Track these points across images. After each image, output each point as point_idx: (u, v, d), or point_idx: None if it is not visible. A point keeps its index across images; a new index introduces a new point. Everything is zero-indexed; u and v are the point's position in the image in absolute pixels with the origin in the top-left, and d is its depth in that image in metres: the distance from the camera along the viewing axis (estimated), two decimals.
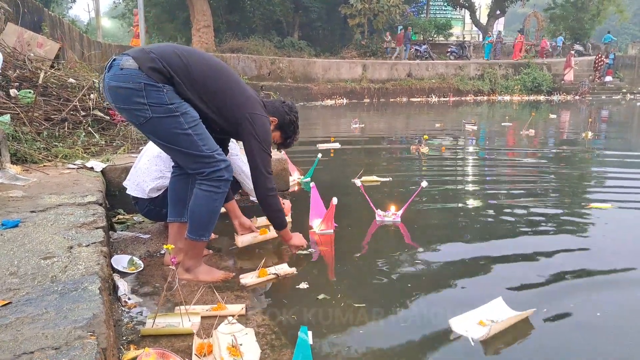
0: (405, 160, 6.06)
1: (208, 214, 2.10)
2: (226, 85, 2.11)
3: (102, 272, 1.70)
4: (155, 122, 1.95)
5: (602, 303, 2.11)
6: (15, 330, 1.26)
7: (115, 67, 1.93)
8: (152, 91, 1.91)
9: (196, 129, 2.00)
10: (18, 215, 2.24)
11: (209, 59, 2.12)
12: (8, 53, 4.92)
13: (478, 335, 1.81)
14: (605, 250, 2.77)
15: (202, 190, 2.07)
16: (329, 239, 2.92)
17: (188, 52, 2.05)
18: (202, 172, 2.05)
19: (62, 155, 3.56)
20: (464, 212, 3.60)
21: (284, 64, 20.02)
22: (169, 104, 1.94)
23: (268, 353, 1.66)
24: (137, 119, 1.97)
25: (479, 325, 1.87)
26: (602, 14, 28.58)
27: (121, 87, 1.91)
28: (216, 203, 2.09)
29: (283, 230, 2.42)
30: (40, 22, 7.22)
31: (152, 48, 2.00)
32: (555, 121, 11.65)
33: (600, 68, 22.90)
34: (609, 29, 28.36)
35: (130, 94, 1.91)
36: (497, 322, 1.86)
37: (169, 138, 2.00)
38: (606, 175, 5.05)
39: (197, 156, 2.02)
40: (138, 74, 1.89)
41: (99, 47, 13.12)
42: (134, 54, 1.94)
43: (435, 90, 21.65)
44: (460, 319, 1.91)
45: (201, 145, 2.01)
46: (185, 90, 1.99)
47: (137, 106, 1.92)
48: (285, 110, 2.38)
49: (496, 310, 1.98)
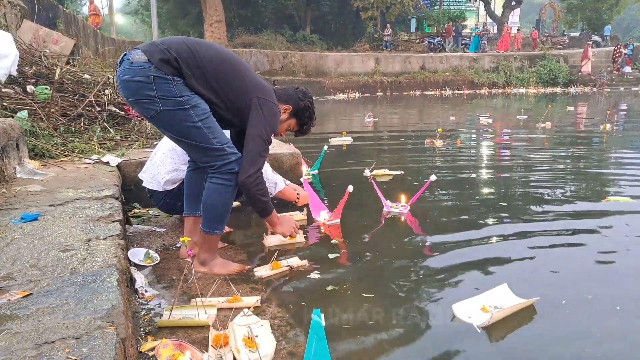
0: (419, 154, 6.02)
1: (220, 207, 2.11)
2: (235, 71, 2.07)
3: (119, 265, 1.73)
4: (166, 114, 1.95)
5: (614, 295, 2.09)
6: (37, 321, 1.29)
7: (125, 62, 1.94)
8: (161, 84, 1.91)
9: (206, 122, 2.00)
10: (37, 209, 2.27)
11: (218, 48, 2.11)
12: (24, 50, 4.99)
13: (480, 322, 1.80)
14: (619, 243, 2.74)
15: (213, 184, 2.08)
16: (337, 230, 2.94)
17: (197, 42, 2.06)
18: (213, 165, 2.06)
19: (78, 150, 3.61)
20: (476, 203, 3.61)
21: (296, 58, 20.00)
22: (179, 97, 1.94)
23: (283, 344, 1.67)
24: (147, 112, 1.98)
25: (482, 311, 1.87)
26: (622, 3, 28.04)
27: (132, 80, 1.92)
28: (228, 196, 2.09)
29: (267, 217, 2.30)
30: (55, 19, 7.31)
31: (162, 40, 2.01)
32: (573, 113, 11.48)
33: (618, 59, 22.49)
34: (629, 19, 27.81)
35: (140, 87, 1.92)
36: (500, 309, 1.85)
37: (179, 131, 2.00)
38: (624, 169, 4.97)
39: (207, 149, 2.02)
40: (148, 66, 1.90)
41: (113, 43, 13.24)
42: (143, 48, 1.95)
43: (449, 83, 21.46)
44: (463, 304, 1.91)
45: (211, 138, 2.01)
46: (194, 81, 1.98)
47: (148, 99, 1.93)
48: (299, 96, 2.33)
49: (500, 296, 1.98)
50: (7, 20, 5.50)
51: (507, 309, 1.86)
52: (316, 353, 1.41)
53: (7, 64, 3.82)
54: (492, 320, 1.81)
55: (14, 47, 3.92)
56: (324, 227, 2.99)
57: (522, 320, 1.85)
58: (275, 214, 2.32)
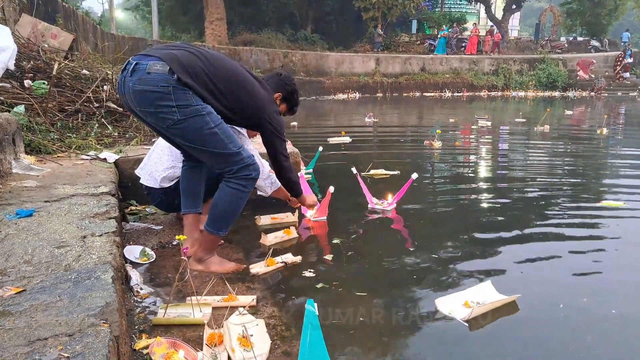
0: (417, 155, 6.04)
1: (230, 211, 2.13)
2: (244, 90, 2.13)
3: (114, 262, 1.72)
4: (183, 124, 1.95)
5: (599, 294, 2.17)
6: (29, 317, 1.27)
7: (140, 71, 1.91)
8: (180, 93, 1.92)
9: (221, 127, 2.03)
10: (32, 204, 2.26)
11: (228, 65, 2.12)
12: (22, 44, 4.96)
13: (461, 316, 1.89)
14: (608, 245, 2.81)
15: (229, 187, 2.09)
16: (323, 226, 3.06)
17: (208, 57, 2.05)
18: (230, 170, 2.07)
19: (75, 146, 3.59)
20: (468, 203, 3.71)
21: (297, 58, 19.98)
22: (196, 105, 1.95)
23: (278, 344, 1.66)
24: (164, 122, 1.96)
25: (464, 306, 1.95)
26: (620, 9, 28.09)
27: (150, 90, 1.90)
28: (241, 202, 2.12)
29: (300, 197, 2.69)
30: (54, 13, 7.27)
31: (175, 52, 1.98)
32: (570, 117, 11.50)
33: (618, 67, 22.58)
34: (627, 25, 27.88)
35: (158, 98, 1.91)
36: (481, 305, 1.93)
37: (196, 139, 2.00)
38: (619, 173, 4.99)
39: (225, 155, 2.04)
40: (168, 77, 1.90)
41: (113, 39, 13.19)
42: (162, 57, 1.93)
43: (448, 85, 21.45)
44: (446, 299, 2.00)
45: (228, 143, 2.03)
46: (206, 94, 2.01)
47: (165, 109, 1.92)
48: (286, 82, 2.48)
49: (483, 293, 2.06)
50: (6, 14, 5.47)
51: (488, 304, 1.94)
52: (311, 341, 1.42)
53: (4, 57, 3.79)
54: (473, 315, 1.88)
55: (12, 41, 3.89)
56: (309, 223, 3.11)
57: (503, 317, 1.93)
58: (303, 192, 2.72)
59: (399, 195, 3.38)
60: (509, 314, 1.96)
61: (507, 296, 2.01)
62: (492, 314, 1.93)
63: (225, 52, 16.76)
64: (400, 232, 3.02)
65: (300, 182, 3.22)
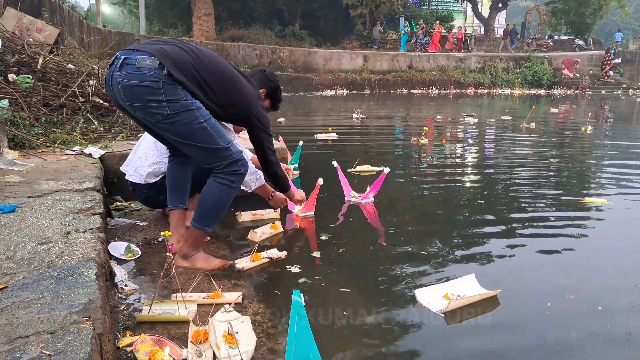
0: (405, 151, 6.07)
1: (218, 206, 2.12)
2: (232, 86, 2.14)
3: (98, 258, 1.70)
4: (173, 118, 1.94)
5: (577, 288, 2.20)
6: (11, 315, 1.26)
7: (129, 66, 1.90)
8: (169, 88, 1.91)
9: (210, 122, 2.02)
10: (15, 200, 2.23)
11: (216, 61, 2.12)
12: (7, 38, 4.88)
13: (438, 308, 1.90)
14: (590, 242, 2.87)
15: (217, 183, 2.08)
16: (311, 222, 3.07)
17: (197, 53, 2.05)
18: (219, 165, 2.06)
19: (60, 141, 3.54)
20: (455, 197, 3.78)
21: (285, 54, 19.93)
22: (185, 100, 1.95)
23: (264, 341, 1.66)
24: (153, 117, 1.95)
25: (444, 298, 1.97)
26: (604, 9, 28.46)
27: (139, 85, 1.89)
28: (228, 197, 2.11)
29: (288, 192, 2.70)
30: (40, 7, 7.17)
31: (164, 47, 1.97)
32: (556, 115, 11.64)
33: (606, 66, 22.92)
34: (610, 24, 28.25)
35: (148, 92, 1.89)
36: (461, 298, 1.95)
37: (186, 134, 1.99)
38: (603, 170, 5.06)
39: (214, 150, 2.03)
40: (158, 72, 1.88)
41: (99, 33, 13.05)
42: (152, 51, 1.91)
43: (436, 83, 21.58)
44: (426, 290, 2.02)
45: (217, 138, 2.02)
46: (196, 89, 2.00)
47: (154, 103, 1.91)
48: (269, 79, 2.50)
49: (466, 286, 2.07)
50: None
51: (467, 298, 1.96)
52: (299, 331, 1.42)
53: None
54: (450, 307, 1.89)
55: None
56: (297, 219, 3.11)
57: (483, 311, 1.95)
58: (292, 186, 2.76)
59: (373, 189, 3.47)
60: (491, 309, 1.97)
61: (489, 290, 2.03)
62: (472, 308, 1.94)
63: (213, 48, 16.65)
64: (387, 228, 3.03)
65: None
